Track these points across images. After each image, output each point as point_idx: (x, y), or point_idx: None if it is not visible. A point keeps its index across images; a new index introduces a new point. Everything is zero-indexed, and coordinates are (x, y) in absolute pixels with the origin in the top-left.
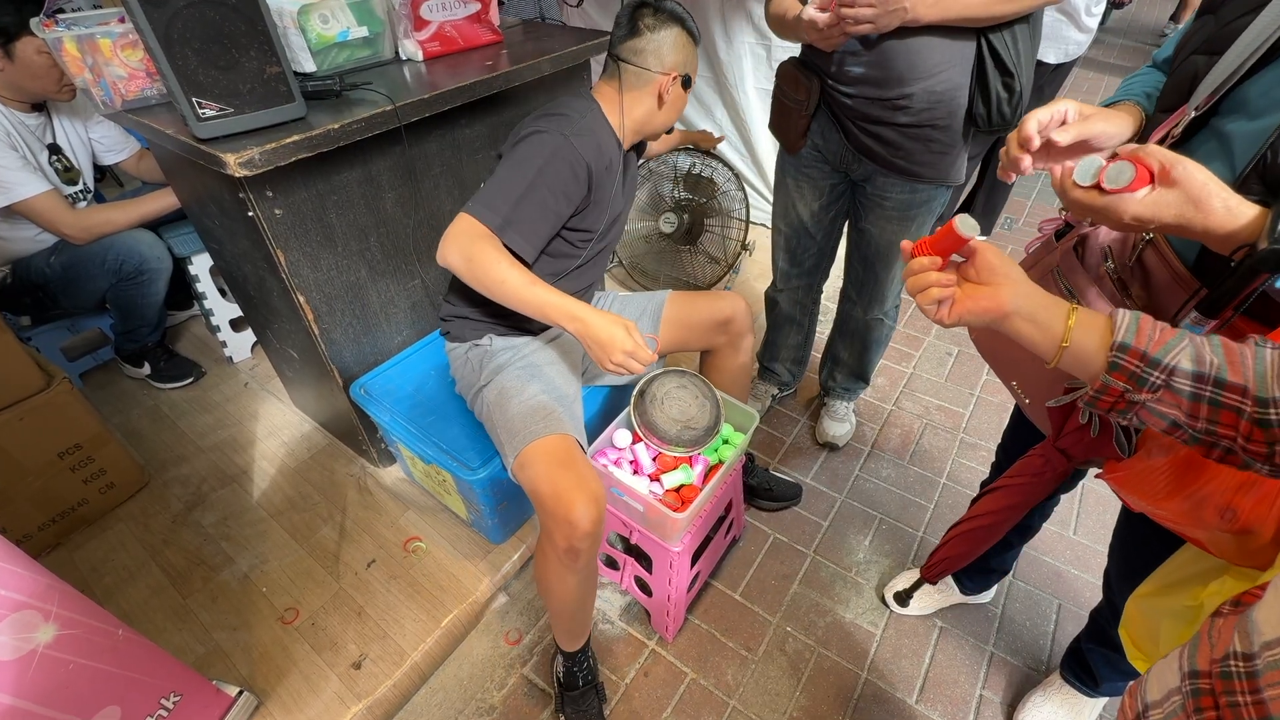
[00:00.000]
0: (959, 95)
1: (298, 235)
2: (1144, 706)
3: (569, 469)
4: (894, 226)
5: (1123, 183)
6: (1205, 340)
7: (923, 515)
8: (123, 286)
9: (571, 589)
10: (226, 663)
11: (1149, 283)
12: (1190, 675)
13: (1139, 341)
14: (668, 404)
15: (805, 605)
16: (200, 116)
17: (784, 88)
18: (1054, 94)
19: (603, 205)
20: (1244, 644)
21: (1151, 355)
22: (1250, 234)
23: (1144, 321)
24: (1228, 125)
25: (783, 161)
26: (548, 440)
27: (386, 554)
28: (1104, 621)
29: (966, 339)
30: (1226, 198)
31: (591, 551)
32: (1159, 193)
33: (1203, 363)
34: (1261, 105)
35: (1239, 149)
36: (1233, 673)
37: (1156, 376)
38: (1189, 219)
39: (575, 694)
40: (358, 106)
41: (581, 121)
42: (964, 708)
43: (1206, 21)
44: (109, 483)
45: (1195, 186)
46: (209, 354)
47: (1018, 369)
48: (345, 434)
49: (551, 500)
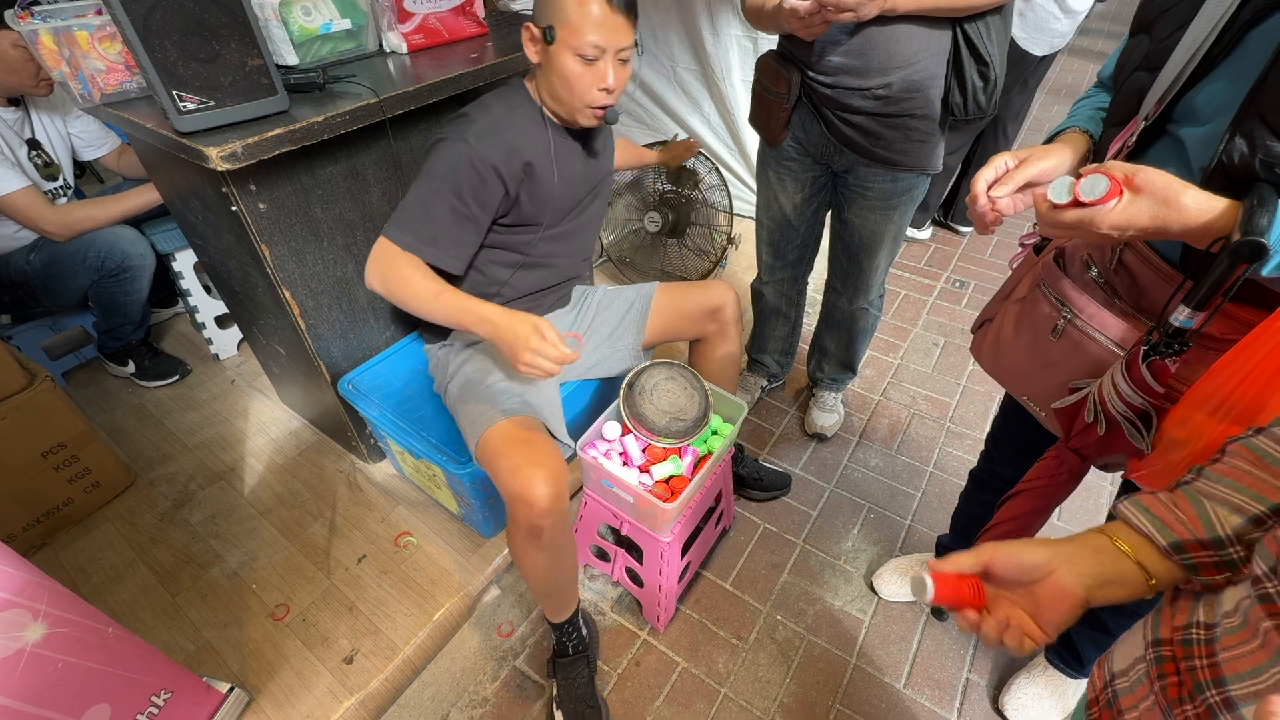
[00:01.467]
0: (936, 84)
1: (282, 230)
2: (1111, 676)
3: (525, 447)
4: (877, 216)
5: (1099, 193)
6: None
7: (910, 503)
8: (105, 284)
9: (542, 566)
10: (217, 660)
11: (1135, 282)
12: (1154, 644)
13: (1181, 533)
14: (656, 395)
15: (795, 594)
16: (181, 110)
17: (763, 81)
18: (1037, 84)
19: (541, 197)
20: (1208, 614)
21: (1206, 538)
22: (1225, 225)
23: (1156, 510)
24: (1180, 131)
25: (764, 155)
26: (504, 424)
27: (377, 549)
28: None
29: (953, 330)
30: (1195, 194)
31: (555, 529)
32: (1130, 200)
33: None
34: (1208, 111)
35: (1193, 151)
36: (1193, 639)
37: (1234, 551)
38: (1164, 219)
39: (565, 661)
40: (341, 99)
41: (485, 119)
42: (951, 691)
43: (1141, 40)
44: (94, 482)
45: (1160, 187)
46: (194, 352)
47: (1029, 383)
48: (334, 430)
49: (508, 480)
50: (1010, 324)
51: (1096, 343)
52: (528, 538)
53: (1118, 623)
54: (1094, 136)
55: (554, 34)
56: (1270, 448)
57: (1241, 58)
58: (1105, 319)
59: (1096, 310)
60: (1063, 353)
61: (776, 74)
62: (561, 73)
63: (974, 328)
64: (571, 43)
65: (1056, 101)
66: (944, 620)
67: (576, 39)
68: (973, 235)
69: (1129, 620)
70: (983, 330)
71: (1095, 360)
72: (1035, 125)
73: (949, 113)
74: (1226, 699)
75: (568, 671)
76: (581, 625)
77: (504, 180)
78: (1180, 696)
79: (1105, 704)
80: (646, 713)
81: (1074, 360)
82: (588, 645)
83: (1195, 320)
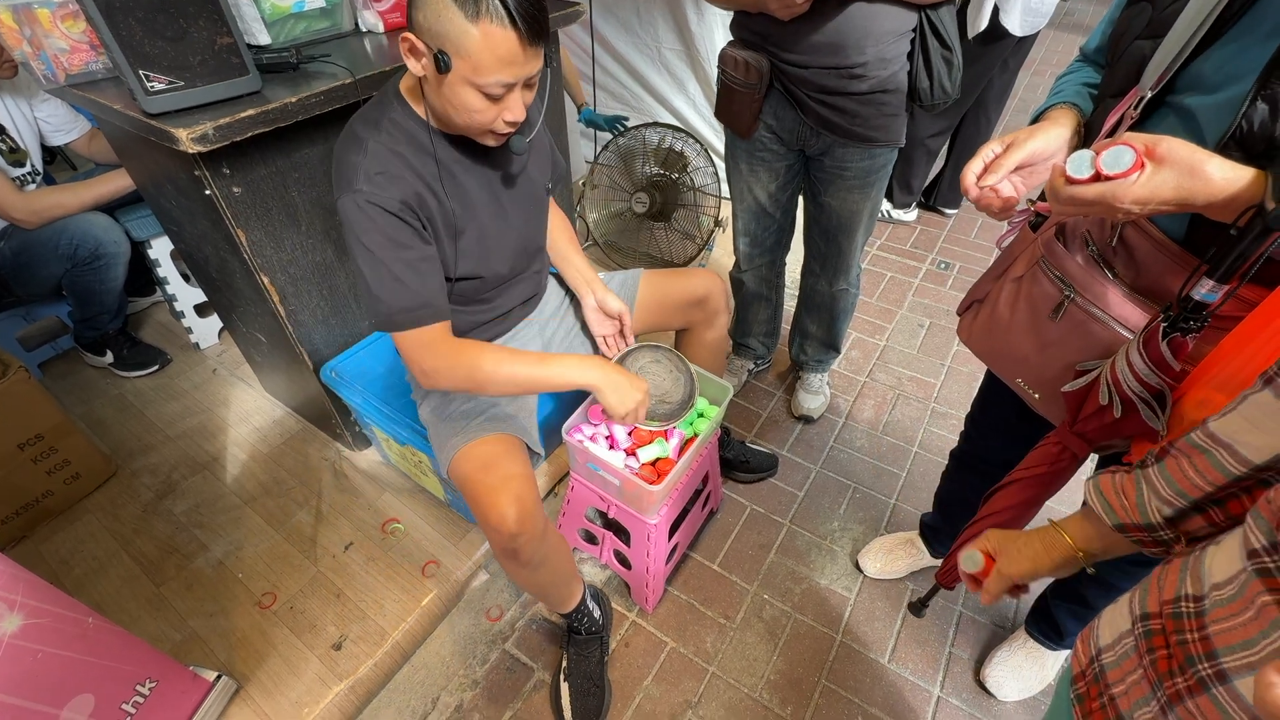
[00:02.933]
0: (904, 61)
1: (258, 214)
2: (1097, 651)
3: (488, 471)
4: (855, 197)
5: (1124, 166)
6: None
7: (895, 483)
8: (78, 272)
9: (527, 579)
10: (204, 649)
11: (1133, 259)
12: (1141, 618)
13: (1123, 517)
14: (645, 378)
15: (782, 573)
16: (149, 90)
17: (730, 73)
18: (1019, 65)
19: (471, 210)
20: (1195, 587)
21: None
22: (1253, 195)
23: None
24: (1186, 101)
25: (733, 147)
26: (466, 449)
27: (364, 536)
28: (1071, 578)
29: (938, 311)
30: (1219, 163)
31: (530, 548)
32: (1152, 172)
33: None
34: (1218, 79)
35: (1204, 121)
36: (1183, 613)
37: (1164, 533)
38: (1189, 191)
39: (580, 639)
40: (316, 80)
41: (363, 161)
42: (934, 665)
43: (1142, 8)
44: (74, 473)
45: (1185, 158)
46: (174, 341)
47: (1024, 366)
48: (318, 418)
49: (475, 506)
50: (1005, 304)
51: (1101, 323)
52: (505, 557)
53: (1095, 595)
54: (1083, 111)
55: (449, 63)
56: (1202, 440)
57: (1255, 21)
58: (1112, 298)
59: (1103, 289)
60: (1063, 333)
61: (745, 64)
62: (459, 106)
63: (961, 309)
64: (474, 80)
65: (1041, 81)
66: (921, 616)
67: (480, 77)
68: (958, 217)
69: (1107, 593)
70: (971, 311)
71: (1098, 341)
72: (1020, 107)
73: (916, 99)
74: (1219, 671)
75: (581, 648)
76: (593, 607)
77: (416, 210)
78: (1170, 669)
79: (1092, 678)
80: (636, 692)
81: (1075, 341)
82: (601, 627)
83: (1219, 294)
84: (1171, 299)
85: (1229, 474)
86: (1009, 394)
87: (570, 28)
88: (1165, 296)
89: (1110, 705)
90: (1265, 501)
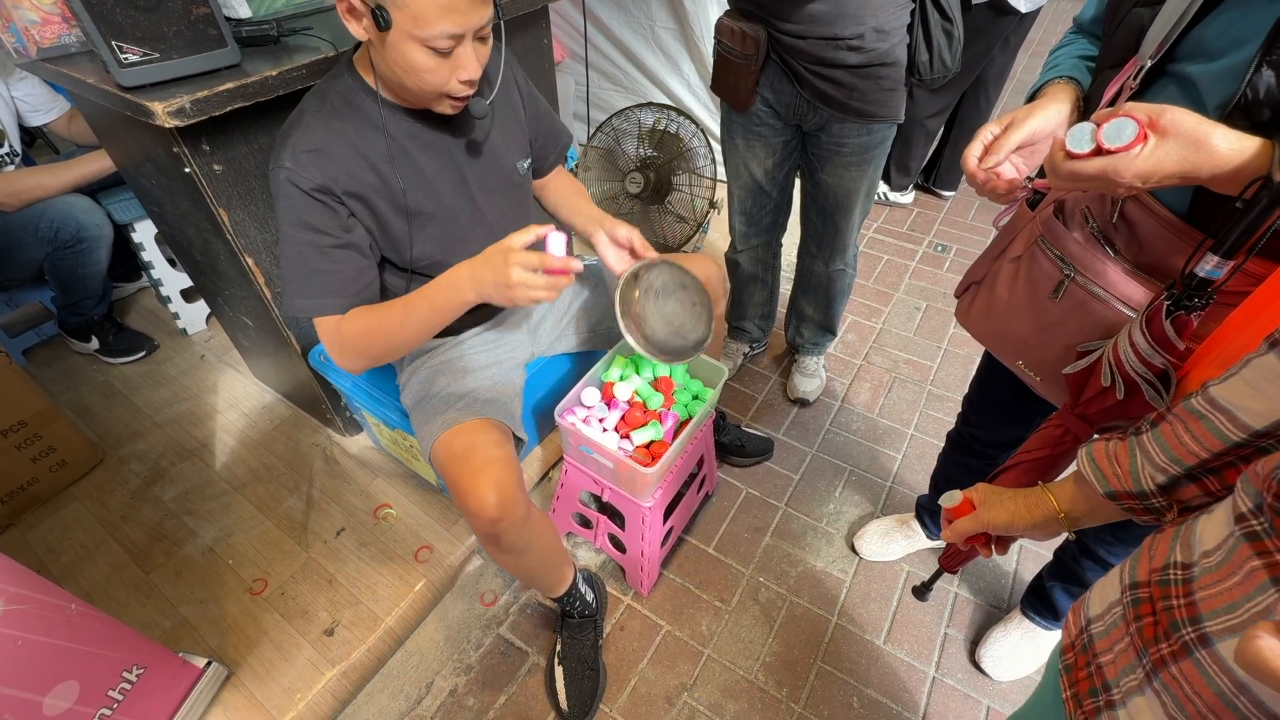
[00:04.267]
0: (902, 32)
1: (241, 193)
2: (1087, 621)
3: (467, 457)
4: (853, 173)
5: (1126, 138)
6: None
7: (891, 465)
8: (60, 256)
9: (513, 564)
10: (194, 635)
11: (1134, 235)
12: (1130, 586)
13: (1115, 484)
14: (663, 300)
15: (777, 556)
16: (122, 62)
17: (727, 43)
18: (1020, 43)
19: (432, 193)
20: (1185, 554)
21: (1133, 490)
22: (1260, 167)
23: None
24: (1188, 69)
25: (729, 121)
26: (445, 436)
27: (356, 522)
28: (1069, 559)
29: (935, 294)
30: (1224, 134)
31: (513, 533)
32: (1155, 144)
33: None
34: (1221, 46)
35: (1206, 89)
36: (1171, 580)
37: (1156, 500)
38: (1194, 163)
39: (573, 622)
40: (298, 53)
41: (298, 135)
42: (929, 646)
43: None
44: (60, 460)
45: (1190, 129)
46: (161, 327)
47: (1024, 347)
48: (308, 403)
49: (455, 494)
50: (1004, 285)
51: (1102, 302)
52: (487, 543)
53: (1092, 574)
54: (1081, 85)
55: (388, 18)
56: (1201, 406)
57: None
58: (1114, 276)
59: (1104, 267)
60: (1063, 314)
61: (741, 34)
62: (407, 67)
63: (958, 291)
64: (416, 33)
65: (1040, 62)
66: (924, 600)
67: (422, 29)
68: (954, 199)
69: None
70: (969, 293)
71: (1099, 321)
72: (1018, 88)
73: (914, 73)
74: (1202, 635)
75: (575, 632)
76: (585, 590)
77: (343, 202)
78: (1155, 636)
79: (1081, 648)
80: (631, 675)
81: (1075, 321)
82: (595, 610)
83: (1224, 270)
84: (1174, 276)
85: (1226, 440)
86: (1007, 376)
87: (562, 6)
88: (1168, 273)
89: (1097, 674)
90: (1254, 469)
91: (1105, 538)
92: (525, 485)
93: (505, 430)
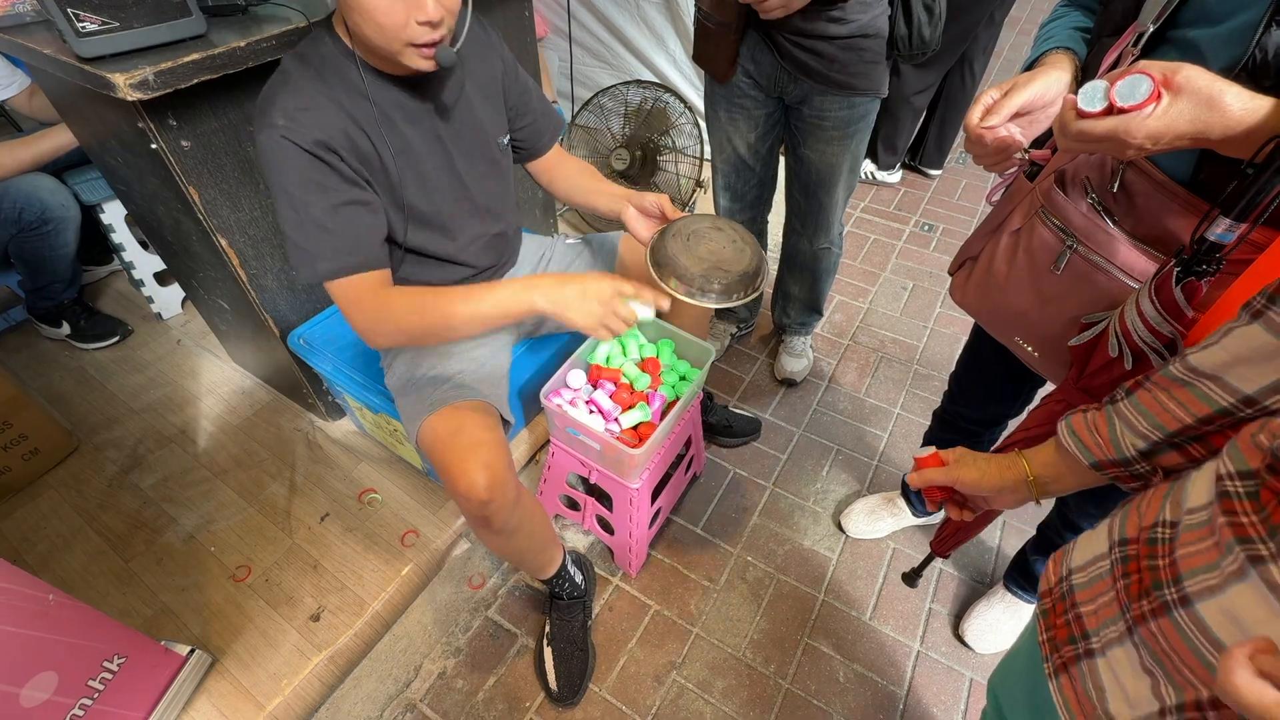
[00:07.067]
0: (884, 6)
1: (211, 170)
2: (1068, 570)
3: (459, 438)
4: (835, 149)
5: (1141, 96)
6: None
7: (878, 444)
8: (25, 238)
9: (502, 546)
10: (177, 623)
11: (1133, 205)
12: (1120, 543)
13: (1098, 454)
14: (695, 242)
15: (765, 535)
16: (79, 31)
17: (707, 11)
18: (1004, 18)
19: (412, 160)
20: (1174, 512)
21: (1116, 458)
22: (1273, 128)
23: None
24: (1190, 34)
25: (712, 94)
26: (431, 419)
27: (341, 507)
28: (1052, 533)
29: (922, 273)
30: (1238, 92)
31: (503, 515)
32: (1168, 103)
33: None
34: (1226, 7)
35: (1210, 54)
36: (1158, 538)
37: (1140, 466)
38: (1206, 123)
39: (562, 604)
40: (267, 23)
41: (284, 95)
42: (914, 620)
43: None
44: (32, 448)
45: (1203, 87)
46: (135, 311)
47: (1023, 322)
48: (289, 388)
49: (444, 476)
50: (1002, 258)
51: (1105, 273)
52: (477, 525)
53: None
54: (1078, 55)
55: None
56: (1182, 373)
57: None
58: (1118, 245)
59: (1108, 237)
60: (1065, 286)
61: (722, 2)
62: (364, 10)
63: (952, 268)
64: None
65: (1026, 40)
66: (915, 586)
67: None
68: (941, 179)
69: None
70: (964, 269)
71: (1102, 293)
72: (1005, 66)
73: (894, 47)
74: (1183, 595)
75: (564, 613)
76: (574, 572)
77: (342, 156)
78: (1139, 593)
79: (1060, 596)
80: (620, 654)
81: (1077, 294)
82: (584, 591)
83: (1235, 234)
84: (1175, 247)
85: (1216, 406)
86: (995, 353)
87: None
88: (1168, 244)
89: (1076, 622)
90: (1256, 438)
91: (1089, 510)
92: (514, 466)
93: (493, 412)
